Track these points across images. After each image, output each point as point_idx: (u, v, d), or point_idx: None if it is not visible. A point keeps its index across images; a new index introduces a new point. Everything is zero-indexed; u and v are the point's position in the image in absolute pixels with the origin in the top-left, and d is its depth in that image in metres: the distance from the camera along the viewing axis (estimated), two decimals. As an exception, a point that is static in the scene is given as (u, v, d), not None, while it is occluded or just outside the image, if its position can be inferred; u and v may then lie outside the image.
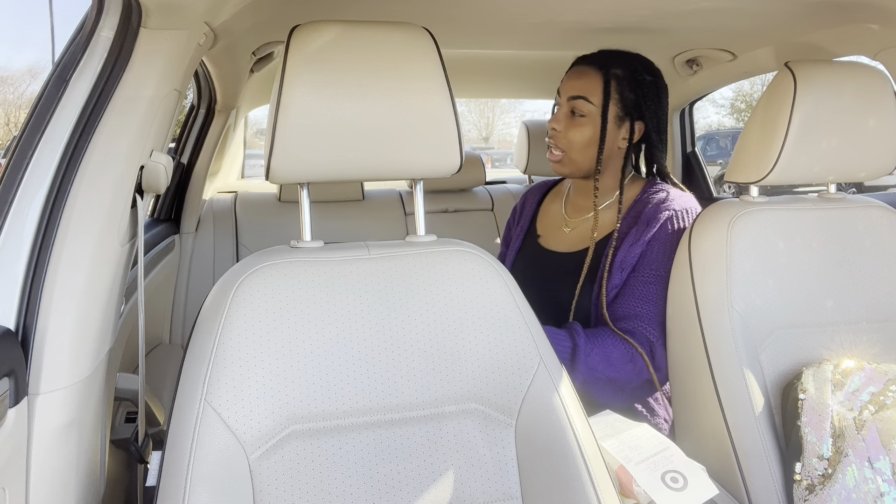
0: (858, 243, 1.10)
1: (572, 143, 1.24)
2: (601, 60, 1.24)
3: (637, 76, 1.23)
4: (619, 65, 1.23)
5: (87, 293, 0.73)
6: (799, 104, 1.02)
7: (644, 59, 1.27)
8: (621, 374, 1.14)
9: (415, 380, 0.78)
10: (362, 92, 0.76)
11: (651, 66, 1.27)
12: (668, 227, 1.18)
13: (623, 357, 1.13)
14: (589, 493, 0.73)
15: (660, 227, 1.18)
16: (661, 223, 1.18)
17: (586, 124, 1.23)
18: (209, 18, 0.91)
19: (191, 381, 0.71)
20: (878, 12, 1.18)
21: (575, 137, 1.23)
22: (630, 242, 1.18)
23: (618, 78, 1.22)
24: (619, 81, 1.22)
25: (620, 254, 1.18)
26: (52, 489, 0.70)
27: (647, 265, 1.17)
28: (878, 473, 0.85)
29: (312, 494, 0.72)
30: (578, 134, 1.23)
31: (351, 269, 0.80)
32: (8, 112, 13.59)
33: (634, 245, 1.18)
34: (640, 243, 1.18)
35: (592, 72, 1.23)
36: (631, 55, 1.26)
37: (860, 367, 0.95)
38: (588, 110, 1.22)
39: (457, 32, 1.47)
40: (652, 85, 1.24)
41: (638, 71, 1.23)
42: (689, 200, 1.23)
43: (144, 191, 0.84)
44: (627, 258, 1.18)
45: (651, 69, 1.26)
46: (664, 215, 1.18)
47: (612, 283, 1.18)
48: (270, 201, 2.31)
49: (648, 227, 1.18)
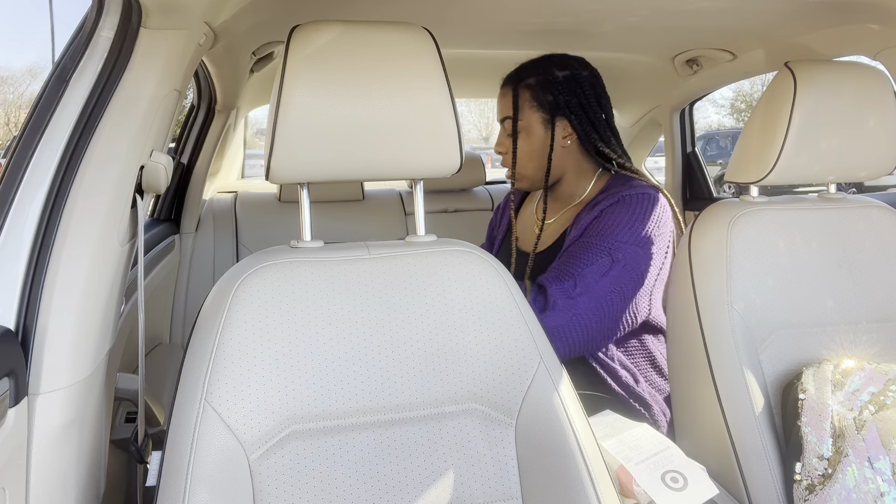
0: (858, 243, 1.10)
1: (519, 160, 1.29)
2: (515, 76, 1.30)
3: (548, 77, 1.26)
4: (530, 73, 1.28)
5: (87, 293, 0.73)
6: (799, 104, 1.02)
7: (559, 56, 1.30)
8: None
9: (415, 380, 0.78)
10: (362, 92, 0.76)
11: (566, 60, 1.29)
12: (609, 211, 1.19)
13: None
14: (589, 493, 0.73)
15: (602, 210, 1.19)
16: (608, 204, 1.20)
17: (521, 140, 1.28)
18: (209, 18, 0.91)
19: (191, 381, 0.71)
20: (878, 12, 1.18)
21: (518, 155, 1.29)
22: (580, 229, 1.21)
23: (529, 87, 1.27)
24: (532, 89, 1.26)
25: (572, 237, 1.21)
26: (52, 489, 0.70)
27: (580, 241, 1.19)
28: (878, 473, 0.85)
29: (312, 494, 0.72)
30: (519, 151, 1.29)
31: (351, 269, 0.80)
32: (8, 112, 13.59)
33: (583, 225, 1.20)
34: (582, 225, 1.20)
35: (506, 90, 1.30)
36: (544, 58, 1.29)
37: (860, 367, 0.95)
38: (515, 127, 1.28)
39: (457, 32, 1.47)
40: (567, 80, 1.26)
41: (549, 71, 1.26)
42: (647, 190, 1.22)
43: (144, 191, 0.84)
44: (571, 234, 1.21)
45: (565, 64, 1.28)
46: (615, 198, 1.20)
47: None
48: (270, 201, 2.31)
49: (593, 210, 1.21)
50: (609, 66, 1.89)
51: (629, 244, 1.16)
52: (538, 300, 1.14)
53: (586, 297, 1.13)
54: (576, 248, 1.19)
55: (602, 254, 1.15)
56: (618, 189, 1.23)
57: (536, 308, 1.13)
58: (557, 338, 1.12)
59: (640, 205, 1.19)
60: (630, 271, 1.15)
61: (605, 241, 1.16)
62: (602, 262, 1.14)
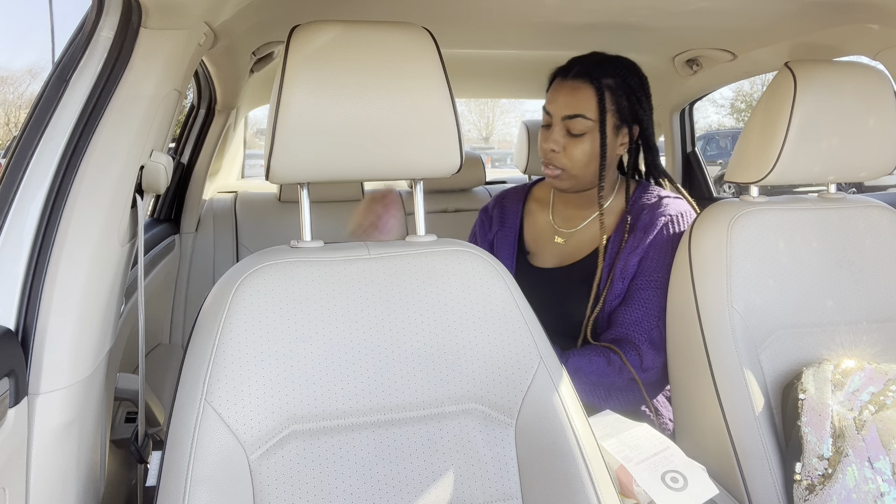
0: (858, 243, 1.10)
1: (574, 161, 1.20)
2: (588, 71, 1.19)
3: (628, 81, 1.20)
4: (608, 73, 1.20)
5: (87, 293, 0.73)
6: (799, 104, 1.02)
7: (627, 60, 1.24)
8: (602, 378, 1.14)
9: (415, 380, 0.78)
10: (362, 92, 0.76)
11: (634, 66, 1.24)
12: (664, 233, 1.18)
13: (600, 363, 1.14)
14: (589, 493, 0.73)
15: (657, 234, 1.18)
16: (657, 229, 1.18)
17: (585, 140, 1.19)
18: (209, 18, 0.90)
19: (191, 381, 0.71)
20: (878, 12, 1.18)
21: (576, 155, 1.20)
22: (628, 251, 1.19)
23: (610, 88, 1.19)
24: (613, 91, 1.19)
25: (620, 263, 1.18)
26: (52, 489, 0.70)
27: (645, 272, 1.18)
28: (879, 473, 0.85)
29: (312, 494, 0.72)
30: (579, 151, 1.20)
31: (351, 269, 0.80)
32: (8, 112, 13.59)
33: (633, 253, 1.18)
34: (639, 251, 1.18)
35: (584, 86, 1.19)
36: (615, 59, 1.23)
37: (860, 367, 0.95)
38: (586, 126, 1.18)
39: (457, 32, 1.47)
40: (640, 87, 1.22)
41: (627, 76, 1.21)
42: (682, 204, 1.23)
43: (144, 191, 0.84)
44: (628, 266, 1.18)
45: (636, 70, 1.24)
46: (661, 221, 1.19)
47: (615, 292, 1.18)
48: (270, 201, 2.31)
49: (646, 234, 1.19)
50: (609, 66, 1.89)
51: None
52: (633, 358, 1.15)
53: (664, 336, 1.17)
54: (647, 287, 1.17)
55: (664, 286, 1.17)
56: (647, 197, 1.23)
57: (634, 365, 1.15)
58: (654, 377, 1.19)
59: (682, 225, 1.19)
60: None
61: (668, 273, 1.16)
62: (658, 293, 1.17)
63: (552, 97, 1.23)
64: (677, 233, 1.19)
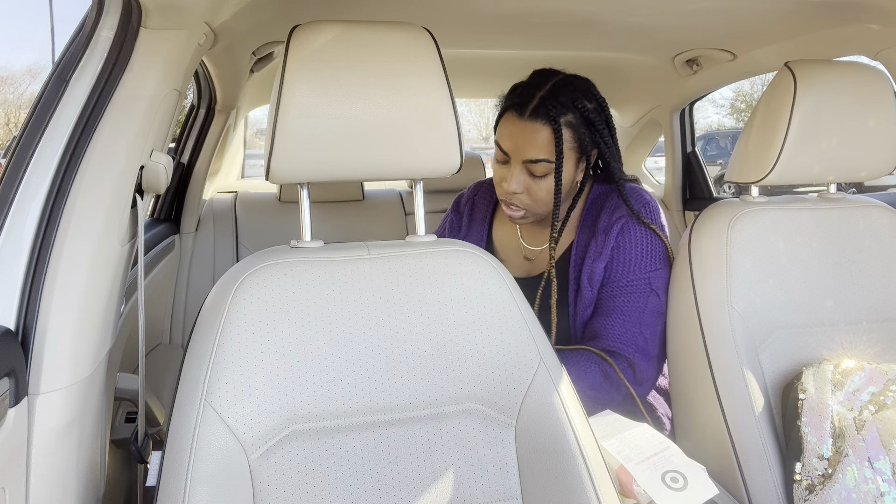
0: (858, 243, 1.10)
1: (538, 201, 1.16)
2: (547, 110, 1.10)
3: (585, 112, 1.13)
4: (566, 107, 1.11)
5: (87, 293, 0.73)
6: (799, 104, 1.02)
7: (582, 81, 1.17)
8: (600, 393, 1.12)
9: (415, 380, 0.78)
10: (362, 92, 0.76)
11: (590, 87, 1.17)
12: (626, 235, 1.15)
13: (597, 376, 1.12)
14: (589, 493, 0.73)
15: (617, 237, 1.16)
16: (616, 234, 1.16)
17: (549, 179, 1.14)
18: (209, 18, 0.90)
19: (191, 381, 0.71)
20: (878, 12, 1.18)
21: (541, 195, 1.15)
22: (593, 257, 1.16)
23: (571, 125, 1.12)
24: (573, 128, 1.12)
25: (586, 270, 1.16)
26: (52, 489, 0.70)
27: (612, 279, 1.15)
28: (878, 473, 0.85)
29: (312, 494, 0.72)
30: (544, 192, 1.15)
31: (351, 269, 0.80)
32: (8, 112, 13.60)
33: (597, 260, 1.16)
34: (603, 256, 1.15)
35: (543, 129, 1.11)
36: (571, 86, 1.14)
37: (860, 367, 0.95)
38: (548, 168, 1.12)
39: (457, 32, 1.47)
40: (598, 111, 1.15)
41: (584, 105, 1.13)
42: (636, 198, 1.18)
43: (144, 191, 0.84)
44: (594, 274, 1.16)
45: (592, 92, 1.16)
46: (618, 225, 1.16)
47: (584, 301, 1.16)
48: (270, 201, 2.31)
49: (607, 238, 1.16)
50: (609, 66, 1.89)
51: (660, 268, 1.16)
52: (627, 372, 1.13)
53: (656, 343, 1.15)
54: (619, 295, 1.14)
55: (646, 292, 1.14)
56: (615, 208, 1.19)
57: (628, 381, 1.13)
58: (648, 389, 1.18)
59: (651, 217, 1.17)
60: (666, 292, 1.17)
61: (641, 275, 1.14)
62: (651, 302, 1.14)
63: (508, 135, 1.15)
64: (639, 230, 1.15)
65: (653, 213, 1.18)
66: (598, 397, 1.12)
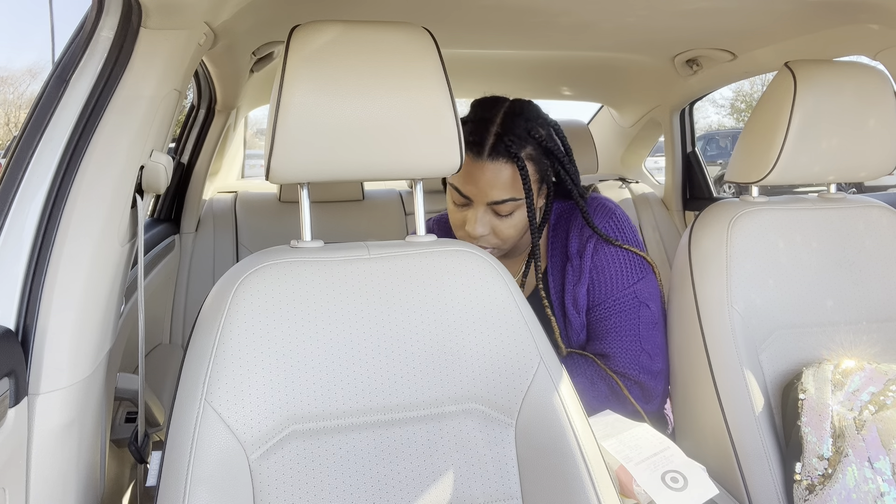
0: (858, 243, 1.10)
1: (507, 239, 1.11)
2: (507, 147, 1.05)
3: (541, 142, 1.08)
4: (524, 140, 1.06)
5: (87, 293, 0.73)
6: (799, 104, 1.02)
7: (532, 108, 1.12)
8: (604, 406, 1.11)
9: (415, 380, 0.78)
10: (362, 92, 0.76)
11: (539, 112, 1.12)
12: (600, 254, 1.13)
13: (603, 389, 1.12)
14: (589, 492, 0.73)
15: (593, 257, 1.13)
16: (590, 254, 1.13)
17: (515, 216, 1.09)
18: (209, 18, 0.91)
19: (191, 381, 0.71)
20: (878, 12, 1.18)
21: (510, 233, 1.10)
22: (573, 282, 1.14)
23: (532, 158, 1.08)
24: (534, 160, 1.09)
25: (569, 296, 1.14)
26: (52, 489, 0.70)
27: (599, 301, 1.13)
28: (879, 473, 0.85)
29: (312, 494, 0.72)
30: (512, 229, 1.10)
31: (351, 269, 0.80)
32: (8, 112, 13.60)
33: (578, 285, 1.13)
34: (583, 280, 1.13)
35: (506, 167, 1.05)
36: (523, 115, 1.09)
37: (860, 367, 0.95)
38: (515, 206, 1.08)
39: (457, 32, 1.47)
40: (551, 136, 1.11)
41: (538, 132, 1.08)
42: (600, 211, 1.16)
43: (144, 191, 0.84)
44: (578, 299, 1.14)
45: (542, 117, 1.12)
46: (590, 245, 1.13)
47: (574, 328, 1.15)
48: (270, 201, 2.31)
49: (582, 261, 1.13)
50: (609, 66, 1.90)
51: (643, 277, 1.14)
52: (634, 390, 1.12)
53: (660, 356, 1.13)
54: (610, 316, 1.12)
55: (635, 306, 1.12)
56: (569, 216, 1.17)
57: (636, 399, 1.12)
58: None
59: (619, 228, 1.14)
60: (658, 297, 1.15)
61: (626, 290, 1.12)
62: (644, 314, 1.12)
63: (468, 178, 1.08)
64: (611, 249, 1.13)
65: (620, 223, 1.15)
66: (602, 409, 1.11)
